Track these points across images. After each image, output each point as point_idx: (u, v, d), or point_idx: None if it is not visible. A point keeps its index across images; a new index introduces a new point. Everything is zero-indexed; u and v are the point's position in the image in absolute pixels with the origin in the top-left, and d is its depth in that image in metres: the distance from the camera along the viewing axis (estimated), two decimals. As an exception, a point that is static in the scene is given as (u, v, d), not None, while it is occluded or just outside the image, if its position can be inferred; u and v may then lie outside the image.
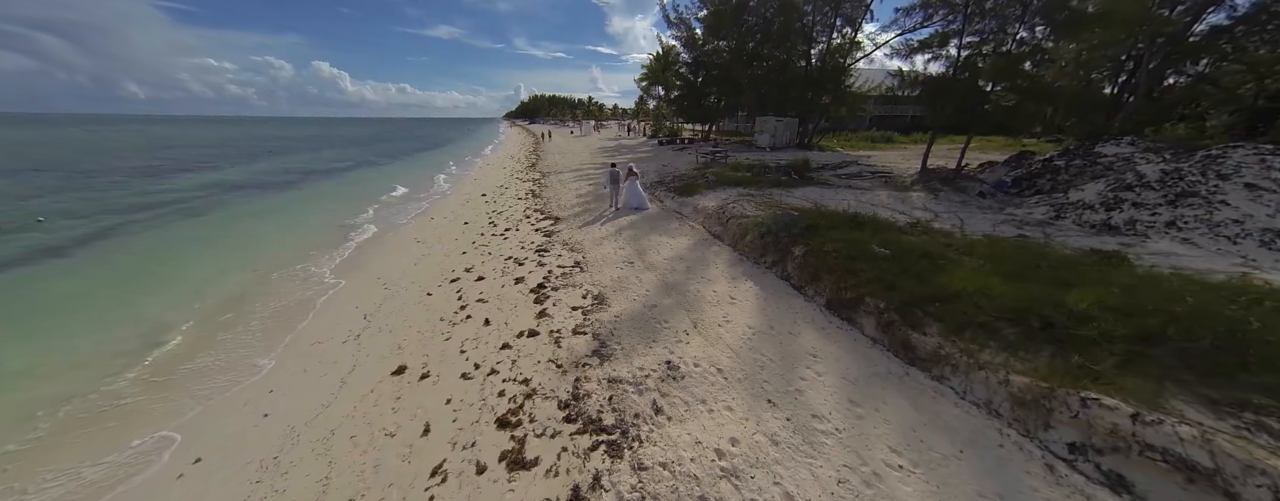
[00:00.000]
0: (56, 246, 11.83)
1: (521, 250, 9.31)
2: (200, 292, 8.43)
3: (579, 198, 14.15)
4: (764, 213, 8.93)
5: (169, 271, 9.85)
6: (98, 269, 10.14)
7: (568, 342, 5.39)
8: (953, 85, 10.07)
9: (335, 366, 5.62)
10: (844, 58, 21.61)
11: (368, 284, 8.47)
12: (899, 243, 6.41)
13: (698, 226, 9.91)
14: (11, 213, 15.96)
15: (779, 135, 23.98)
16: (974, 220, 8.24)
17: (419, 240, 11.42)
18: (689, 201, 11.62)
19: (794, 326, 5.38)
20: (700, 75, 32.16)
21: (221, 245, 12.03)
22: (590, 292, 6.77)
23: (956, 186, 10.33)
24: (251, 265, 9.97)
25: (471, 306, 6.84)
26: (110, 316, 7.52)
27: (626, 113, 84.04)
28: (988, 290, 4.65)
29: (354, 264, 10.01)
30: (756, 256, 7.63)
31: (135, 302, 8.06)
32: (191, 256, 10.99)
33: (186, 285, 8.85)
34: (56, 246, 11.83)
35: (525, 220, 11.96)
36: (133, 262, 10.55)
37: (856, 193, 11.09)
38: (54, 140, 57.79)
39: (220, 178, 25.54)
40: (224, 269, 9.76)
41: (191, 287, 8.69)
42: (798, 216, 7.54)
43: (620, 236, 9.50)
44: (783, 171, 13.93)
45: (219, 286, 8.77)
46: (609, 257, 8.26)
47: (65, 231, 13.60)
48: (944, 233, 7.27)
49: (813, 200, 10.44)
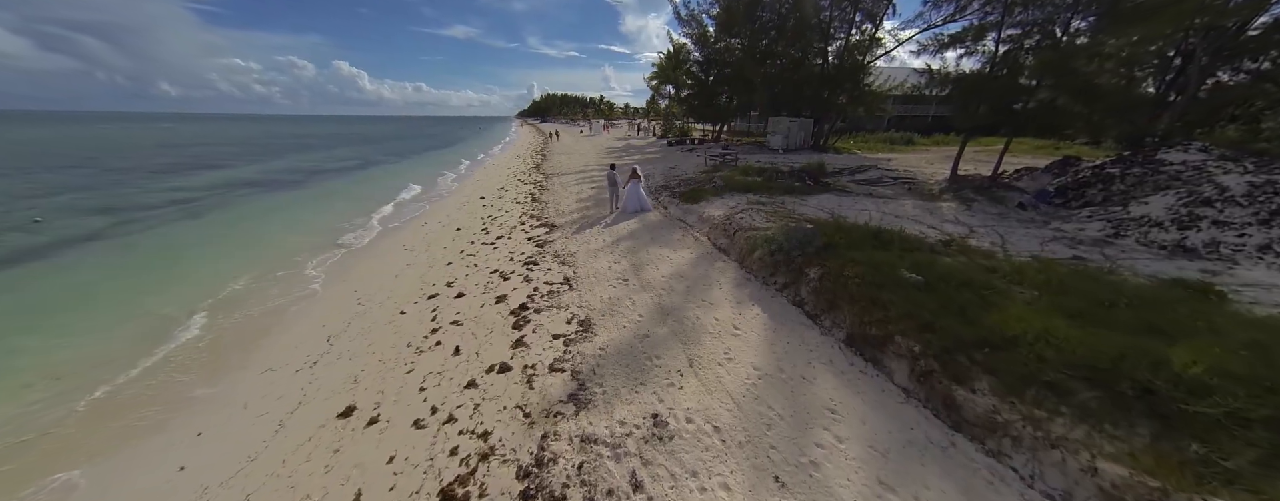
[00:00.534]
0: (37, 249, 11.51)
1: (510, 262, 8.59)
2: (169, 303, 7.91)
3: (579, 202, 13.41)
4: (775, 225, 8.06)
5: (144, 279, 9.38)
6: (68, 276, 9.72)
7: (542, 382, 4.62)
8: (990, 83, 9.02)
9: (279, 402, 4.95)
10: (863, 55, 20.45)
11: (342, 298, 7.83)
12: (933, 266, 5.50)
13: (702, 238, 9.07)
14: (16, 211, 15.90)
15: (793, 136, 22.94)
16: (1016, 237, 7.25)
17: (408, 247, 10.80)
18: (694, 209, 10.78)
19: (808, 368, 4.52)
20: (711, 74, 31.18)
21: (214, 249, 11.58)
22: (576, 317, 6.00)
23: (992, 196, 9.29)
24: (234, 272, 9.44)
25: (445, 330, 6.13)
26: (73, 323, 7.03)
27: (639, 112, 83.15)
28: (1052, 335, 3.75)
29: (337, 273, 9.42)
30: (765, 276, 6.77)
31: (92, 316, 7.55)
32: (181, 259, 10.53)
33: (162, 294, 8.34)
34: (37, 249, 11.51)
35: (520, 226, 11.26)
36: (109, 267, 10.13)
37: (878, 202, 10.11)
38: (86, 137, 59.31)
39: (231, 176, 25.51)
40: (205, 277, 9.25)
41: (167, 295, 8.18)
42: (813, 231, 6.66)
43: (617, 248, 8.71)
44: (796, 176, 12.99)
45: (194, 294, 8.24)
46: (602, 274, 7.48)
47: (57, 232, 13.35)
48: (984, 253, 6.32)
49: (829, 210, 9.51)
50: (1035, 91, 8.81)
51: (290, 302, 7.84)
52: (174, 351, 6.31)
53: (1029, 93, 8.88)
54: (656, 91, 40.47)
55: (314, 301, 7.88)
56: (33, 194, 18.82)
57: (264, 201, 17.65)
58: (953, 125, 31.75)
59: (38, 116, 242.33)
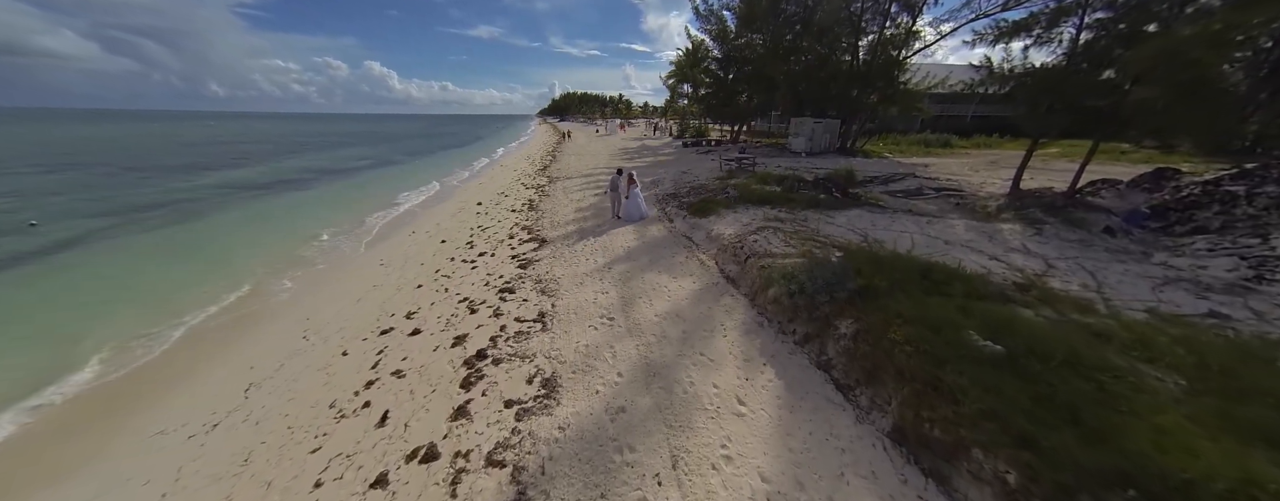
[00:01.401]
0: (17, 255, 11.03)
1: (484, 288, 7.45)
2: (87, 331, 7.03)
3: (578, 212, 12.23)
4: (796, 251, 6.66)
5: (79, 301, 8.54)
6: (33, 287, 9.09)
7: (470, 485, 3.42)
8: (1069, 77, 7.31)
9: (144, 490, 3.89)
10: (898, 50, 18.57)
11: (287, 331, 6.84)
12: (1012, 326, 4.04)
13: (709, 262, 7.73)
14: (18, 212, 15.80)
15: (817, 138, 21.22)
16: (1113, 276, 5.65)
17: (384, 263, 9.82)
18: (702, 224, 9.43)
19: (840, 484, 3.18)
20: (731, 72, 29.61)
21: (175, 265, 10.83)
22: (540, 373, 4.78)
23: (1068, 218, 7.60)
24: (178, 295, 8.59)
25: (381, 383, 5.01)
26: None
27: (657, 111, 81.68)
28: (1256, 483, 2.30)
29: (297, 295, 8.49)
30: (783, 322, 5.40)
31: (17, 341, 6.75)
32: (134, 277, 9.83)
33: (79, 320, 7.50)
34: (17, 255, 11.03)
35: (507, 241, 10.14)
36: (70, 281, 9.47)
37: (921, 221, 8.55)
38: (129, 135, 61.89)
39: (240, 177, 25.48)
40: (147, 298, 8.44)
41: (100, 322, 7.36)
42: (844, 267, 5.25)
43: (609, 273, 7.46)
44: (821, 186, 11.48)
45: (131, 317, 7.41)
46: (585, 308, 6.24)
47: (46, 237, 12.99)
48: (1077, 302, 4.80)
49: (861, 231, 8.03)
50: (1128, 88, 7.06)
51: (230, 333, 6.90)
52: (34, 421, 5.26)
53: (1121, 90, 7.15)
54: (674, 91, 39.11)
55: (254, 333, 6.91)
56: (47, 192, 18.88)
57: (258, 206, 17.14)
58: (1009, 128, 29.06)
59: (99, 114, 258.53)
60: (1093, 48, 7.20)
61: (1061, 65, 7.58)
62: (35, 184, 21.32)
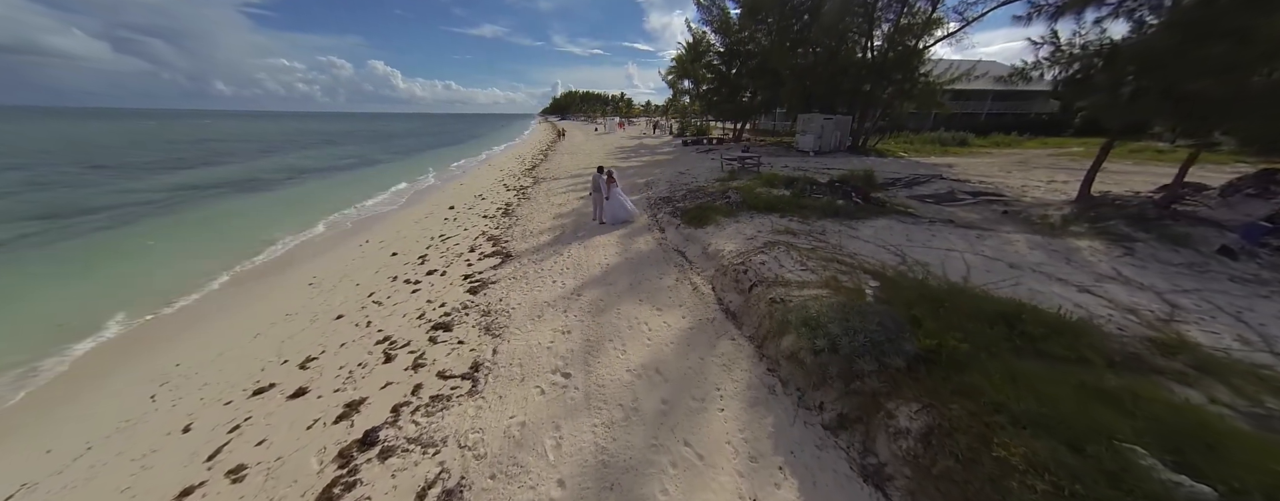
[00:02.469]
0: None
1: (417, 322, 5.86)
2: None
3: (556, 218, 10.63)
4: (816, 279, 5.04)
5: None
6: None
7: None
8: (1186, 50, 5.49)
9: None
10: (917, 39, 16.86)
11: (140, 381, 5.25)
12: (1203, 432, 2.42)
13: (705, 287, 6.11)
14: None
15: (827, 136, 19.56)
16: (1268, 318, 4.03)
17: (314, 281, 8.23)
18: (699, 235, 7.82)
19: None
20: (734, 66, 27.94)
21: (79, 277, 9.24)
22: (443, 474, 3.19)
23: (1166, 233, 5.93)
24: (76, 308, 7.03)
25: (207, 491, 3.40)
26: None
27: (659, 109, 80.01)
28: None
29: (188, 325, 6.88)
30: (805, 388, 3.78)
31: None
32: (25, 294, 8.24)
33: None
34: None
35: (467, 254, 8.54)
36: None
37: (968, 236, 6.90)
38: (114, 133, 60.51)
39: (209, 175, 23.98)
40: (23, 321, 6.87)
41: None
42: (893, 319, 3.63)
43: (577, 303, 5.85)
44: (838, 190, 9.84)
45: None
46: (535, 357, 4.64)
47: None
48: (1261, 376, 3.15)
49: (895, 248, 6.39)
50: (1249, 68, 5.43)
51: (73, 385, 5.30)
52: None
53: (1245, 69, 5.48)
54: (674, 86, 37.48)
55: (102, 384, 5.30)
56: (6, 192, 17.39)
57: (207, 209, 15.56)
58: (1027, 125, 27.27)
59: (107, 112, 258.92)
60: (1209, 10, 5.47)
61: (1166, 37, 5.85)
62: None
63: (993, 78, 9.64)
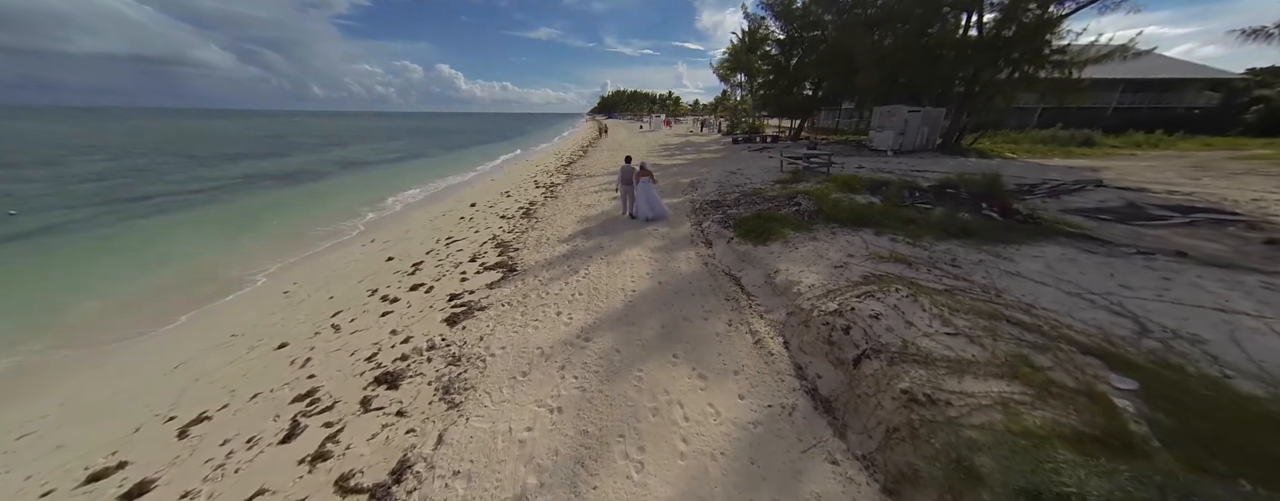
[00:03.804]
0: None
1: (362, 368, 4.25)
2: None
3: (582, 221, 8.88)
4: (984, 353, 2.83)
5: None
6: None
7: None
8: None
9: None
10: (1046, 8, 13.31)
11: (80, 411, 3.97)
12: None
13: (773, 340, 4.04)
14: (16, 199, 15.01)
15: (911, 133, 16.50)
16: None
17: (288, 291, 6.95)
18: (760, 256, 5.72)
19: None
20: (795, 55, 25.07)
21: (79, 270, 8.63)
22: None
23: None
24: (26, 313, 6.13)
25: None
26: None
27: (707, 108, 77.06)
28: None
29: (115, 351, 5.69)
30: None
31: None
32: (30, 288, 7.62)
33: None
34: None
35: (464, 266, 6.95)
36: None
37: (1233, 280, 4.31)
38: (224, 129, 66.37)
39: (263, 167, 24.73)
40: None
41: None
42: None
43: (583, 355, 3.98)
44: (956, 199, 7.33)
45: None
46: (496, 458, 2.83)
47: (12, 226, 11.64)
48: None
49: (1106, 299, 3.98)
50: None
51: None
52: None
53: None
54: (726, 80, 34.86)
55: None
56: (63, 181, 18.43)
57: (241, 202, 15.29)
58: (1174, 121, 21.86)
59: (226, 113, 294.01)
60: None
61: None
62: (69, 173, 21.20)
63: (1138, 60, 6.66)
